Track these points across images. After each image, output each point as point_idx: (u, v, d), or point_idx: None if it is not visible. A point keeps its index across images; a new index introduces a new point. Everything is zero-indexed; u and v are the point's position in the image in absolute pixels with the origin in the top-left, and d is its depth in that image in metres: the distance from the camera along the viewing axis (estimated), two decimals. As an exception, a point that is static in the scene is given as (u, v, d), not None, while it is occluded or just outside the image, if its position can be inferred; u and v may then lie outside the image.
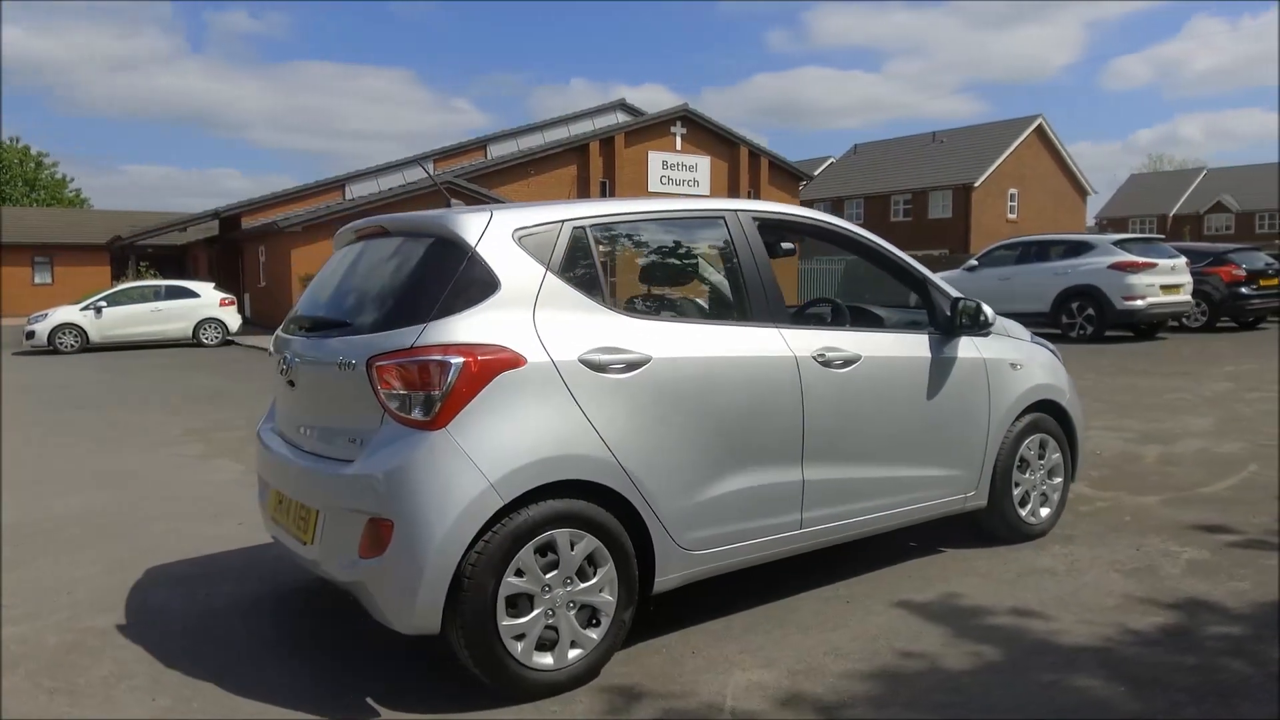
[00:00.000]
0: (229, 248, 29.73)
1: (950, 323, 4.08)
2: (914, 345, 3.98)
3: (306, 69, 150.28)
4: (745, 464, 3.36)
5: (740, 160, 31.13)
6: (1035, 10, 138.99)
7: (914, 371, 3.93)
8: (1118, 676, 2.97)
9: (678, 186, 30.29)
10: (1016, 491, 4.35)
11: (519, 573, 2.85)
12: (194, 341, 20.48)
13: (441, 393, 2.78)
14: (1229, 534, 4.44)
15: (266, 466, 3.58)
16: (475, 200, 24.99)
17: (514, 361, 2.89)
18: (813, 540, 3.64)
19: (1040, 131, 40.97)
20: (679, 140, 30.38)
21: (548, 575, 2.91)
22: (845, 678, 3.02)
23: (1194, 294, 14.83)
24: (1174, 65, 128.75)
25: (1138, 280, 13.94)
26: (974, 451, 4.16)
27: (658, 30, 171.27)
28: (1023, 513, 4.40)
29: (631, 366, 3.10)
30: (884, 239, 4.15)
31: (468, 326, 2.88)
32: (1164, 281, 14.19)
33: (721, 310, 3.56)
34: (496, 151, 30.66)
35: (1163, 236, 17.45)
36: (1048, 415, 4.49)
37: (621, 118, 32.47)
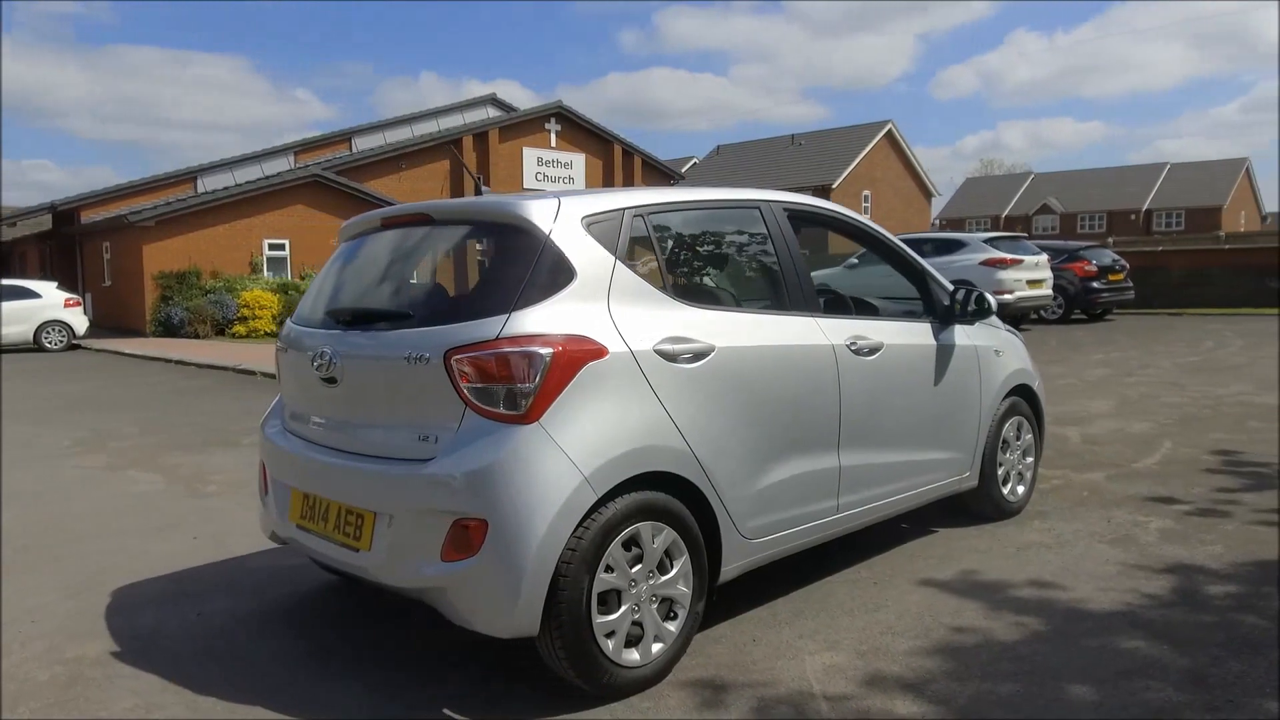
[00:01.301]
0: (66, 244, 27.31)
1: (949, 311, 4.26)
2: (921, 333, 4.13)
3: (130, 54, 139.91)
4: (794, 451, 3.40)
5: (614, 158, 31.30)
6: (872, 20, 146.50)
7: (924, 358, 4.08)
8: (1155, 637, 3.19)
9: (553, 184, 30.11)
10: (1000, 471, 4.60)
11: (608, 569, 2.78)
12: (34, 346, 18.70)
13: (534, 385, 2.67)
14: (1180, 504, 4.84)
15: (287, 468, 3.33)
16: (351, 195, 24.03)
17: (598, 352, 2.81)
18: (846, 525, 3.72)
19: (890, 136, 43.22)
20: (554, 137, 30.24)
21: (633, 570, 2.85)
22: (913, 655, 3.11)
23: (1052, 288, 16.05)
24: (997, 76, 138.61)
25: (1007, 275, 14.96)
26: (969, 434, 4.36)
27: (510, 26, 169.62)
28: (1004, 491, 4.64)
29: (698, 356, 3.07)
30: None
31: (550, 316, 2.78)
32: (1029, 277, 15.28)
33: (764, 299, 3.58)
34: (362, 144, 29.53)
35: (1027, 235, 18.78)
36: (1022, 399, 4.76)
37: (493, 113, 31.97)
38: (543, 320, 2.76)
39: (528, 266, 2.83)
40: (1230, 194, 53.50)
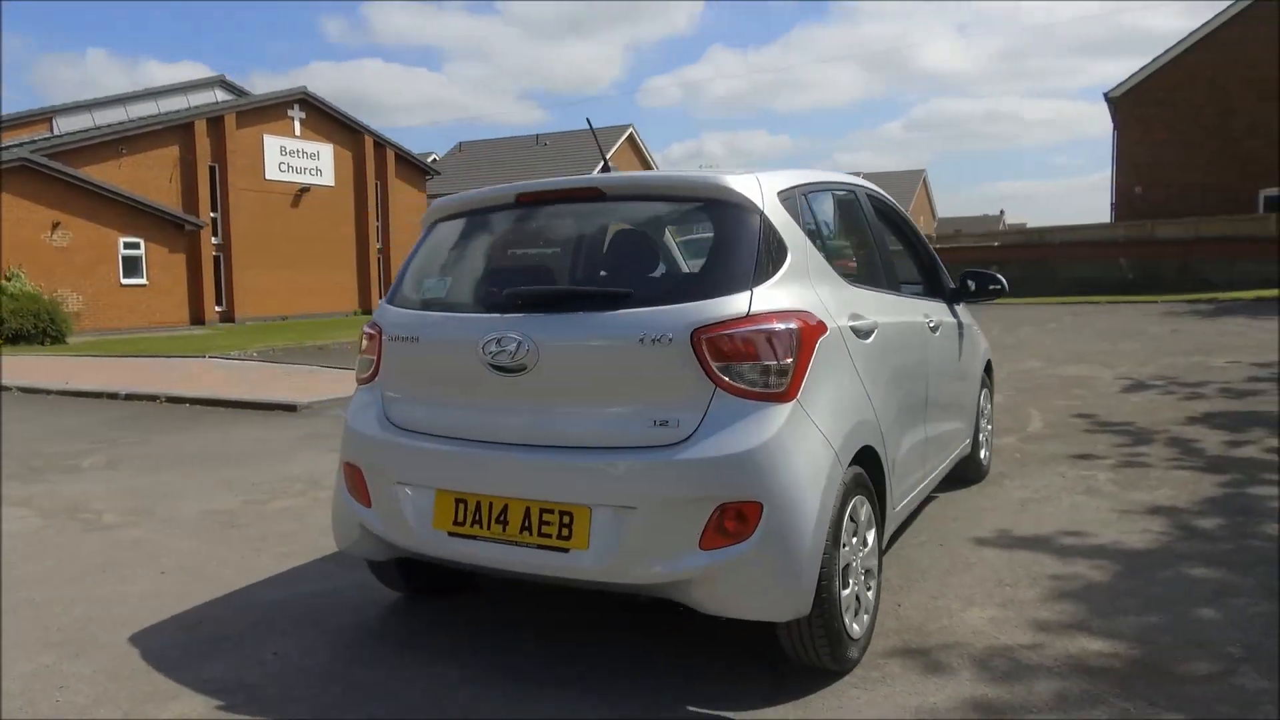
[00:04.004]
0: None
1: (956, 293, 4.63)
2: (946, 311, 4.46)
3: None
4: (912, 422, 3.58)
5: (365, 150, 29.79)
6: (584, 26, 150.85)
7: (954, 335, 4.43)
8: (1209, 564, 3.71)
9: (299, 175, 28.09)
10: (980, 437, 5.07)
11: (843, 544, 2.78)
12: None
13: (790, 362, 2.61)
14: (1100, 459, 5.60)
15: (426, 470, 2.93)
16: (68, 183, 20.90)
17: (822, 328, 2.79)
18: (925, 493, 3.95)
19: (631, 140, 44.82)
20: (298, 125, 28.18)
21: (852, 541, 2.87)
22: (1047, 602, 3.38)
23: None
24: (698, 88, 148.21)
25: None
26: (972, 404, 4.78)
27: (191, 4, 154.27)
28: (981, 455, 5.13)
29: (868, 333, 3.14)
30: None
31: (783, 293, 2.73)
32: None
33: (872, 277, 3.69)
34: (67, 125, 25.79)
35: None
36: (984, 372, 5.28)
37: (222, 96, 29.22)
38: (780, 297, 2.70)
39: (754, 243, 2.75)
40: (912, 201, 61.34)
